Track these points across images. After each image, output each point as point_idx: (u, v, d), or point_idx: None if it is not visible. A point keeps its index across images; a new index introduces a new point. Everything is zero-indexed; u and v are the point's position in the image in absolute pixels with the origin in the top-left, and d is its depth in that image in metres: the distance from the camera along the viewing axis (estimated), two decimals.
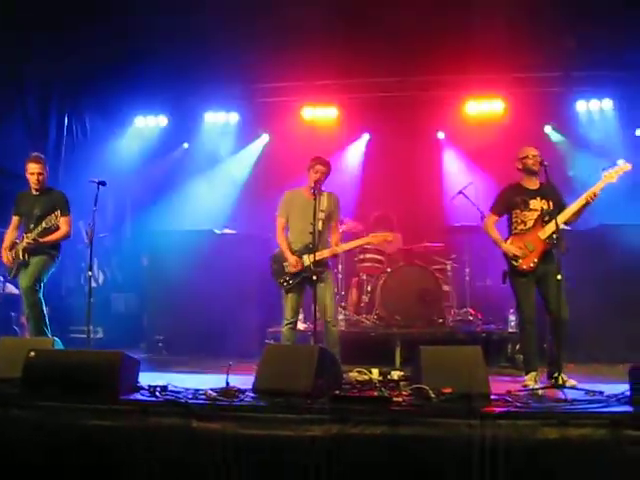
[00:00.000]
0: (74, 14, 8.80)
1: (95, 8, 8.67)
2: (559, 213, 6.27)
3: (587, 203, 6.31)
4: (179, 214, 10.97)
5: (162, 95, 11.84)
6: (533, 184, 6.58)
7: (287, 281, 7.00)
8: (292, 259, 6.95)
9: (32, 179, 7.26)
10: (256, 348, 8.75)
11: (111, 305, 9.90)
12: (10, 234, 7.38)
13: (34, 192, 7.32)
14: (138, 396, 5.15)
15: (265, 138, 12.37)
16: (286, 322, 7.02)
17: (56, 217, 7.04)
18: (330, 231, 7.18)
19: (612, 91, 11.10)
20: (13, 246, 7.27)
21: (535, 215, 6.46)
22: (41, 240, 7.11)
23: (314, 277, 6.62)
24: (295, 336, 7.15)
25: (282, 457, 4.44)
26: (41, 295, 7.24)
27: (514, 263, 6.44)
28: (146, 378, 5.61)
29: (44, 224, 7.03)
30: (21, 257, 7.13)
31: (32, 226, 7.18)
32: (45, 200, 7.13)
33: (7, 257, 7.24)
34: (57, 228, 7.22)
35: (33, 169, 7.23)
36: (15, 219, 7.41)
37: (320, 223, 6.88)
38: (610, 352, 8.12)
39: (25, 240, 7.12)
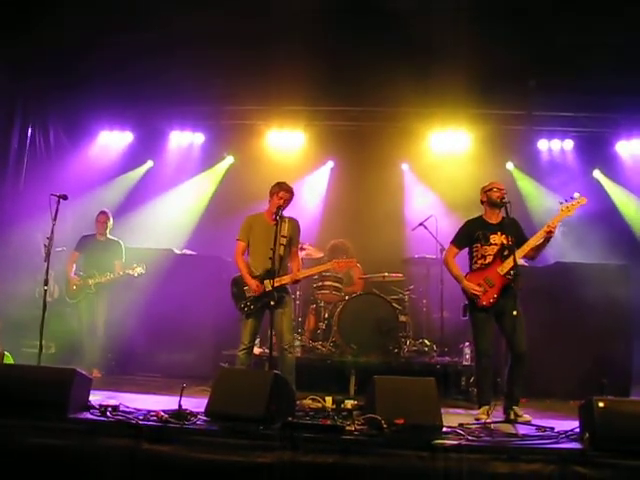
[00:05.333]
0: (41, 29, 8.76)
1: (63, 23, 8.63)
2: (518, 248, 6.35)
3: (547, 236, 6.39)
4: (140, 232, 10.85)
5: (128, 112, 11.77)
6: (495, 218, 6.66)
7: (248, 306, 6.97)
8: (252, 283, 6.94)
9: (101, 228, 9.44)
10: (210, 370, 8.69)
11: (65, 320, 9.73)
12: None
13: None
14: (88, 415, 5.09)
15: (229, 160, 12.31)
16: (242, 347, 6.97)
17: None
18: (291, 257, 7.19)
19: (573, 132, 11.32)
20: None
21: (495, 249, 6.53)
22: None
23: (272, 302, 6.61)
24: (250, 361, 7.11)
25: None
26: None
27: (474, 299, 6.49)
28: (97, 397, 5.54)
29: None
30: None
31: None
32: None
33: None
34: None
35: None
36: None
37: (281, 248, 6.88)
38: (563, 388, 8.19)
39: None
